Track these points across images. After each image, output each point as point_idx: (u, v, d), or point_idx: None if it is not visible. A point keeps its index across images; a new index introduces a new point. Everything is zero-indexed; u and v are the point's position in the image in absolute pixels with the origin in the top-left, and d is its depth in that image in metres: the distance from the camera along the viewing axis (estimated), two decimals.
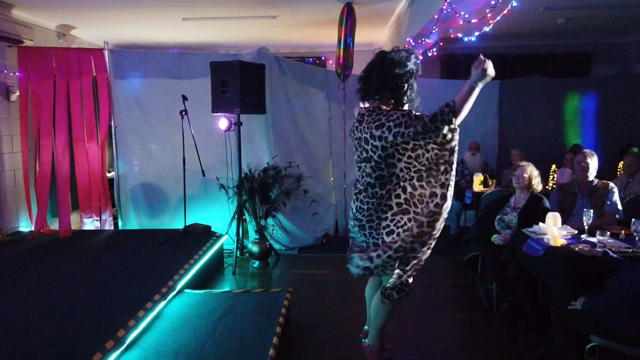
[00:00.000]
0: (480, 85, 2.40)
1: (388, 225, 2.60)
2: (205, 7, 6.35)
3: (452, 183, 2.60)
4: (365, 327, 3.28)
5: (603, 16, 7.25)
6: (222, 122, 5.14)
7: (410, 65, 2.66)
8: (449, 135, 2.50)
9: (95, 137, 5.59)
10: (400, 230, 2.59)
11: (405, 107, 2.70)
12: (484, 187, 5.88)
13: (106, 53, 5.59)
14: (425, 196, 2.59)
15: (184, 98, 5.05)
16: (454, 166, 2.59)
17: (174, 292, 3.71)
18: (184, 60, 5.75)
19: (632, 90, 7.60)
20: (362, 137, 2.68)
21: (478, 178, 5.95)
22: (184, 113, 5.05)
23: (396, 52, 2.68)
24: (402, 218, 2.59)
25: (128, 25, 7.37)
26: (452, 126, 2.44)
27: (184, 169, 5.16)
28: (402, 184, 2.59)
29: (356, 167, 2.84)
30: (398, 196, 2.59)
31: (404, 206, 2.59)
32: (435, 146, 2.54)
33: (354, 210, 2.77)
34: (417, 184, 2.58)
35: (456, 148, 2.58)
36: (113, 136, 5.74)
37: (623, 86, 7.64)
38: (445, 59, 9.00)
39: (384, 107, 2.69)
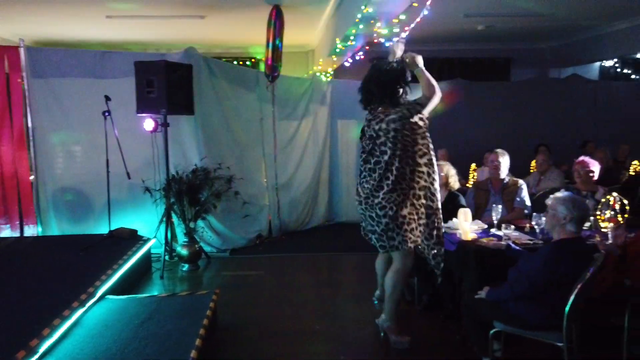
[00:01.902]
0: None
1: (380, 202, 3.13)
2: (129, 5, 6.19)
3: (433, 159, 3.20)
4: (377, 292, 3.84)
5: (520, 24, 7.76)
6: (148, 123, 5.04)
7: (402, 73, 3.19)
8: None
9: (9, 138, 5.28)
10: (392, 205, 3.10)
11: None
12: None
13: (22, 51, 5.30)
14: (406, 174, 3.10)
15: (107, 98, 4.90)
16: (429, 145, 3.17)
17: (95, 299, 3.60)
18: (107, 59, 5.56)
19: (547, 93, 8.19)
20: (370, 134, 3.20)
21: None
22: (107, 114, 4.91)
23: (388, 64, 3.23)
24: (391, 195, 3.09)
25: (47, 21, 7.04)
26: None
27: (108, 172, 5.01)
28: (389, 167, 3.09)
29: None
30: (387, 178, 3.09)
31: (392, 186, 3.09)
32: (406, 132, 3.08)
33: (357, 193, 3.33)
34: (399, 165, 3.09)
35: (422, 130, 3.15)
36: (31, 138, 5.46)
37: (539, 89, 8.23)
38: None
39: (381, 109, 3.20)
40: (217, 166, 5.46)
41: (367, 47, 5.69)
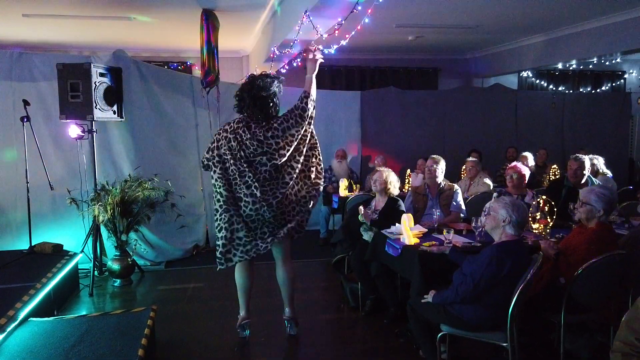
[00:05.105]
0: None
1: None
2: (48, 4, 5.76)
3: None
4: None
5: (447, 36, 8.11)
6: (73, 130, 4.70)
7: (274, 88, 3.39)
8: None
9: None
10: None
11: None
12: (349, 192, 6.17)
13: None
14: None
15: (25, 103, 4.53)
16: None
17: (16, 322, 3.27)
18: (24, 60, 5.14)
19: (472, 102, 8.61)
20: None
21: (343, 184, 6.24)
22: (25, 120, 4.52)
23: (262, 78, 3.37)
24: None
25: None
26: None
27: (27, 182, 4.61)
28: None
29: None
30: None
31: None
32: (233, 144, 3.32)
33: None
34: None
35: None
36: None
37: (465, 98, 8.63)
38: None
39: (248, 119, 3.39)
40: (152, 175, 5.18)
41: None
